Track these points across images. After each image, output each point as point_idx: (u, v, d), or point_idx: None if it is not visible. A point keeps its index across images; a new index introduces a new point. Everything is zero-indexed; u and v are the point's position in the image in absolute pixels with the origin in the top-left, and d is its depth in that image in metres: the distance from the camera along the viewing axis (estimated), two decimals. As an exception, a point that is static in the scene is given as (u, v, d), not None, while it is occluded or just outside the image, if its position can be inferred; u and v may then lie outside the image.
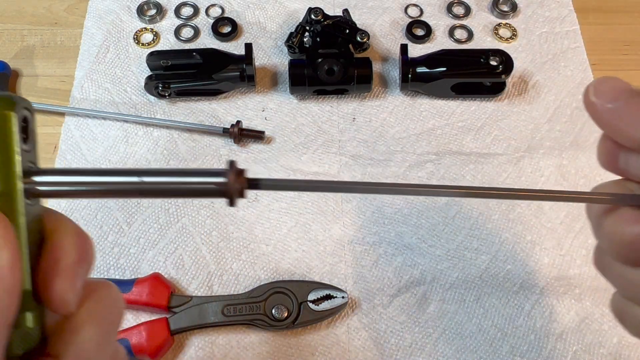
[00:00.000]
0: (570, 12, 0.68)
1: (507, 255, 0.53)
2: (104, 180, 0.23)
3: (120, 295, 0.25)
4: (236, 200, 0.24)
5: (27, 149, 0.22)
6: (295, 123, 0.60)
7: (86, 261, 0.23)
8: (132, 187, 0.23)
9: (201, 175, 0.24)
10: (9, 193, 0.21)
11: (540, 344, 0.49)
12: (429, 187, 0.27)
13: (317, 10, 0.59)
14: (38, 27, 0.66)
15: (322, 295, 0.48)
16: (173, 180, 0.23)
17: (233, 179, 0.24)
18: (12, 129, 0.21)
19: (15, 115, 0.21)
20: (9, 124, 0.21)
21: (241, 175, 0.24)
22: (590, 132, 0.60)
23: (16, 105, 0.21)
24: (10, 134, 0.21)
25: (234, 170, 0.24)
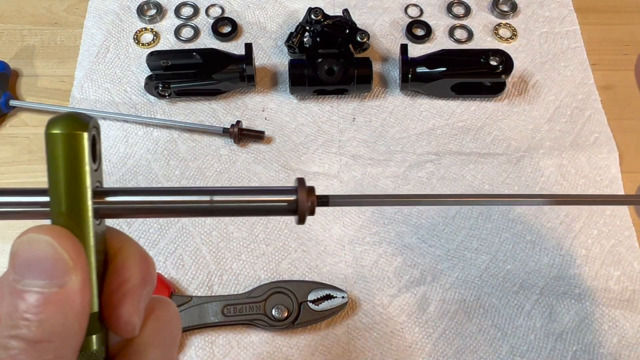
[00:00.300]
0: (570, 12, 0.68)
1: (507, 255, 0.53)
2: (173, 199, 0.23)
3: (177, 311, 0.25)
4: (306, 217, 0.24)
5: (95, 167, 0.22)
6: (295, 123, 0.60)
7: (149, 283, 0.23)
8: (202, 207, 0.23)
9: (271, 193, 0.24)
10: (79, 214, 0.21)
11: (540, 344, 0.49)
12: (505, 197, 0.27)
13: (317, 10, 0.59)
14: (38, 27, 0.66)
15: (322, 295, 0.48)
16: (243, 199, 0.23)
17: (304, 197, 0.23)
18: (84, 149, 0.21)
19: (87, 136, 0.21)
20: (82, 145, 0.20)
21: (311, 193, 0.24)
22: (590, 132, 0.60)
23: (88, 126, 0.21)
24: (82, 154, 0.21)
25: (304, 188, 0.24)
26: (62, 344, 0.19)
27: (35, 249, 0.20)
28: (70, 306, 0.19)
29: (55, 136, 0.20)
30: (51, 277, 0.19)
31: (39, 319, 0.19)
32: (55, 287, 0.19)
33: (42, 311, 0.19)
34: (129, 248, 0.23)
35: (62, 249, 0.20)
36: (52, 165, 0.21)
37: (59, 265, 0.19)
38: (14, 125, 0.59)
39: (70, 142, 0.20)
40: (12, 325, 0.19)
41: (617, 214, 0.55)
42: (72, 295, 0.19)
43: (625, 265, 0.52)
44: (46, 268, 0.19)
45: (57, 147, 0.21)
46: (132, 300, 0.22)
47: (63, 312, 0.19)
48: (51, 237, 0.20)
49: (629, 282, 0.52)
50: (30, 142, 0.58)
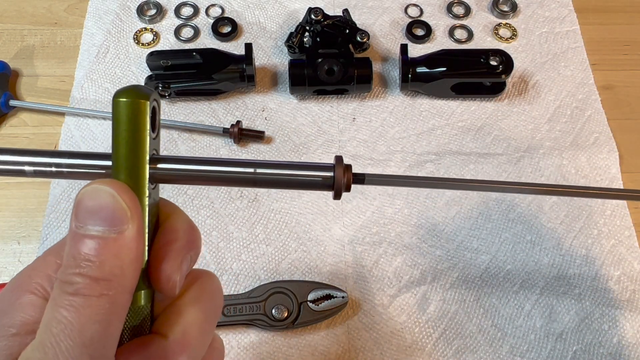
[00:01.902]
0: (570, 12, 0.68)
1: (507, 255, 0.53)
2: (220, 169, 0.25)
3: (220, 286, 0.27)
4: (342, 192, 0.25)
5: (153, 137, 0.24)
6: (295, 123, 0.60)
7: (194, 248, 0.25)
8: (247, 177, 0.25)
9: (311, 169, 0.25)
10: (137, 176, 0.23)
11: (540, 344, 0.49)
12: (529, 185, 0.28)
13: (317, 10, 0.59)
14: (38, 27, 0.66)
15: (322, 295, 0.48)
16: (284, 172, 0.25)
17: (341, 173, 0.25)
18: (145, 118, 0.23)
19: (148, 104, 0.23)
20: (143, 111, 0.23)
21: (348, 170, 0.25)
22: (590, 132, 0.60)
23: (150, 96, 0.23)
24: (144, 120, 0.23)
25: (342, 165, 0.25)
26: (119, 285, 0.21)
27: (98, 198, 0.22)
28: (126, 251, 0.22)
29: (121, 103, 0.23)
30: (111, 224, 0.21)
31: (100, 260, 0.21)
32: (114, 233, 0.21)
33: (102, 253, 0.21)
34: (179, 215, 0.25)
35: (122, 200, 0.22)
36: (116, 130, 0.23)
37: (118, 214, 0.22)
38: (14, 125, 0.59)
39: (133, 108, 0.23)
40: (75, 265, 0.21)
41: (617, 214, 0.55)
42: (128, 241, 0.22)
43: (625, 265, 0.52)
44: (106, 216, 0.21)
45: (122, 113, 0.23)
46: (176, 258, 0.24)
47: (120, 256, 0.21)
48: (113, 189, 0.22)
49: (629, 282, 0.52)
50: (30, 142, 0.58)
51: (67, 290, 0.21)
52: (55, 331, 0.21)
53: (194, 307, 0.24)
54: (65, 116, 0.59)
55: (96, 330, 0.21)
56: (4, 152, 0.25)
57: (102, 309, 0.21)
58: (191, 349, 0.24)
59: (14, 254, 0.52)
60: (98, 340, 0.21)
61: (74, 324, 0.20)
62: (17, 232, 0.53)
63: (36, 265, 0.25)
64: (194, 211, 0.54)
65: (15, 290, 0.24)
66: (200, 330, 0.24)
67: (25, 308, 0.23)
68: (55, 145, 0.58)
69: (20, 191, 0.55)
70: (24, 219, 0.54)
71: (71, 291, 0.21)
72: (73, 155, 0.25)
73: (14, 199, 0.55)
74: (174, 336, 0.24)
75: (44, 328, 0.21)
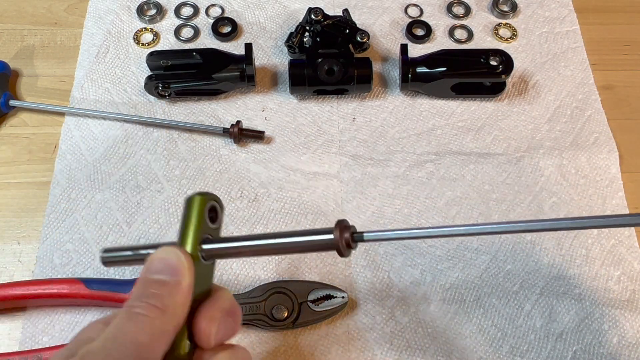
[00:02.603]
0: (570, 12, 0.68)
1: (507, 255, 0.53)
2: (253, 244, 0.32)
3: None
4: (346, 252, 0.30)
5: (212, 227, 0.32)
6: (295, 123, 0.60)
7: (233, 317, 0.31)
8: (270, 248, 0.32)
9: (316, 234, 0.31)
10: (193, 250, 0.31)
11: (540, 344, 0.49)
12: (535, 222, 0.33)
13: (317, 10, 0.59)
14: (38, 27, 0.66)
15: (322, 295, 0.48)
16: (296, 240, 0.31)
17: (338, 236, 0.30)
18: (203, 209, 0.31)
19: (204, 200, 0.32)
20: (201, 206, 0.31)
21: (345, 232, 0.30)
22: (590, 132, 0.60)
23: (206, 197, 0.32)
24: (202, 212, 0.31)
25: (339, 227, 0.30)
26: (170, 315, 0.28)
27: (164, 255, 0.30)
28: (179, 294, 0.29)
29: (189, 199, 0.32)
30: (172, 273, 0.29)
31: (160, 294, 0.28)
32: (173, 280, 0.29)
33: (162, 291, 0.28)
34: (226, 291, 0.32)
35: (183, 259, 0.29)
36: (183, 217, 0.32)
37: (178, 268, 0.29)
38: (14, 125, 0.59)
39: (193, 203, 0.32)
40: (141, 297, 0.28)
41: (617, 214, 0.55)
42: (182, 288, 0.29)
43: (625, 265, 0.52)
44: (170, 268, 0.29)
45: (188, 205, 0.32)
46: (214, 313, 0.30)
47: (174, 296, 0.28)
48: (179, 250, 0.30)
49: (629, 282, 0.52)
50: (30, 142, 0.58)
51: (131, 310, 0.28)
52: (115, 332, 0.27)
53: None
54: (65, 116, 0.59)
55: (146, 339, 0.27)
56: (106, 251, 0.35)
57: (154, 327, 0.27)
58: None
59: (14, 254, 0.52)
60: (146, 347, 0.26)
61: (131, 329, 0.27)
62: (17, 232, 0.53)
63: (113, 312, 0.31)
64: (194, 211, 0.54)
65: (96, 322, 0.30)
66: None
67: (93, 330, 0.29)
68: (56, 145, 0.58)
69: (20, 191, 0.55)
70: (24, 219, 0.54)
71: (134, 311, 0.27)
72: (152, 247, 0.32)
73: (14, 199, 0.55)
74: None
75: (107, 331, 0.27)
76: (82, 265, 0.51)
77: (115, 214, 0.53)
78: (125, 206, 0.54)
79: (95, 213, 0.53)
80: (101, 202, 0.54)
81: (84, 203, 0.54)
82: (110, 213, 0.54)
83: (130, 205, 0.54)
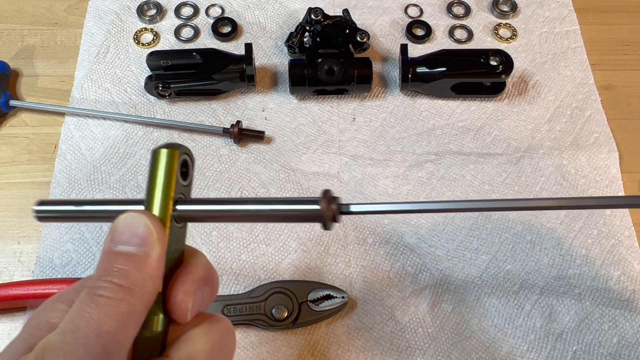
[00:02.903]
0: (570, 12, 0.68)
1: (507, 255, 0.53)
2: (231, 208, 0.29)
3: (233, 330, 0.29)
4: (330, 224, 0.28)
5: (184, 184, 0.29)
6: (295, 123, 0.60)
7: (209, 285, 0.28)
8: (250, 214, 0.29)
9: (301, 203, 0.29)
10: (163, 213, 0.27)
11: (540, 344, 0.49)
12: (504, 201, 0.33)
13: (317, 10, 0.59)
14: (38, 27, 0.66)
15: (322, 295, 0.48)
16: (280, 208, 0.29)
17: (325, 206, 0.28)
18: (174, 166, 0.28)
19: (178, 154, 0.28)
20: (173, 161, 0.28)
21: (332, 203, 0.28)
22: (590, 132, 0.60)
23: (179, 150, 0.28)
24: (172, 169, 0.28)
25: (326, 198, 0.28)
26: (139, 294, 0.25)
27: (132, 224, 0.26)
28: (149, 268, 0.25)
29: (157, 152, 0.28)
30: (139, 244, 0.25)
31: (126, 270, 0.25)
32: (141, 252, 0.25)
33: (128, 266, 0.25)
34: (201, 256, 0.29)
35: (152, 227, 0.26)
36: (152, 173, 0.28)
37: (147, 237, 0.25)
38: (14, 125, 0.59)
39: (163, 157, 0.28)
40: (105, 274, 0.25)
41: (617, 214, 0.55)
42: (152, 260, 0.25)
43: (625, 265, 0.52)
44: (137, 238, 0.25)
45: (156, 160, 0.28)
46: (190, 285, 0.27)
47: (143, 271, 0.25)
48: (145, 216, 0.26)
49: (629, 282, 0.52)
50: (30, 142, 0.58)
51: (93, 292, 0.24)
52: (76, 321, 0.23)
53: (202, 337, 0.27)
54: (65, 116, 0.59)
55: (112, 327, 0.23)
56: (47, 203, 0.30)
57: (121, 311, 0.24)
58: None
59: (14, 254, 0.52)
60: (113, 336, 0.23)
61: (94, 317, 0.23)
62: (17, 232, 0.53)
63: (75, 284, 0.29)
64: (194, 211, 0.54)
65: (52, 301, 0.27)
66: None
67: (54, 312, 0.26)
68: (56, 145, 0.58)
69: (20, 191, 0.55)
70: (24, 219, 0.54)
71: (97, 293, 0.24)
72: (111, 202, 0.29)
73: (14, 199, 0.55)
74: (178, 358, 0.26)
75: (67, 319, 0.24)
76: (82, 265, 0.51)
77: (115, 214, 0.53)
78: (125, 206, 0.54)
79: (95, 213, 0.53)
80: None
81: (84, 203, 0.54)
82: (110, 213, 0.53)
83: (130, 205, 0.54)
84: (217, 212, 0.29)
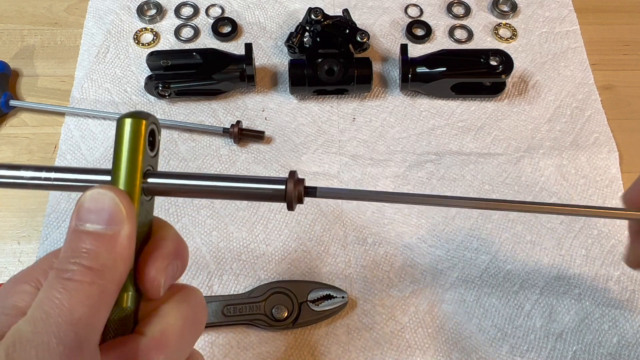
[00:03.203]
0: (570, 12, 0.68)
1: (507, 255, 0.53)
2: (200, 184, 0.28)
3: (203, 301, 0.28)
4: (294, 204, 0.28)
5: (152, 155, 0.27)
6: (295, 123, 0.60)
7: (180, 258, 0.27)
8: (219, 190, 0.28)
9: (268, 182, 0.28)
10: (132, 185, 0.26)
11: (540, 344, 0.49)
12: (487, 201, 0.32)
13: (317, 10, 0.59)
14: (38, 27, 0.66)
15: (322, 295, 0.48)
16: (246, 185, 0.28)
17: (291, 186, 0.28)
18: (142, 135, 0.26)
19: (146, 123, 0.26)
20: (142, 131, 0.26)
21: (299, 184, 0.28)
22: (590, 132, 0.60)
23: (147, 119, 0.26)
24: (141, 138, 0.26)
25: (293, 179, 0.28)
26: (110, 276, 0.24)
27: (99, 200, 0.24)
28: (119, 248, 0.24)
29: (123, 122, 0.26)
30: (108, 223, 0.24)
31: (95, 252, 0.23)
32: (110, 231, 0.24)
33: (98, 247, 0.24)
34: (169, 228, 0.28)
35: (120, 203, 0.24)
36: (117, 145, 0.26)
37: (116, 215, 0.24)
38: (14, 125, 0.59)
39: (132, 126, 0.26)
40: (73, 256, 0.23)
41: (617, 214, 0.55)
42: (122, 240, 0.24)
43: (625, 266, 0.52)
44: (105, 216, 0.24)
45: (123, 130, 0.26)
46: (162, 261, 0.26)
47: (113, 251, 0.24)
48: (113, 193, 0.24)
49: (629, 282, 0.52)
50: (30, 142, 0.58)
51: (62, 275, 0.23)
52: (46, 308, 0.22)
53: (174, 311, 0.26)
54: (65, 116, 0.59)
55: (84, 313, 0.22)
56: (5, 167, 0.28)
57: (92, 295, 0.23)
58: (168, 350, 0.25)
59: (14, 254, 0.52)
60: (85, 322, 0.22)
61: (64, 304, 0.22)
62: (17, 232, 0.53)
63: (37, 262, 0.27)
64: (194, 211, 0.54)
65: (15, 281, 0.26)
66: (179, 335, 0.26)
67: (19, 294, 0.25)
68: (56, 145, 0.58)
69: (20, 191, 0.55)
70: (24, 219, 0.54)
71: (66, 277, 0.23)
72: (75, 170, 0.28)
73: (14, 199, 0.55)
74: (152, 334, 0.25)
75: (36, 305, 0.23)
76: (82, 265, 0.51)
77: (115, 214, 0.53)
78: (125, 206, 0.54)
79: (95, 213, 0.53)
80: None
81: (84, 203, 0.54)
82: (110, 213, 0.53)
83: (130, 205, 0.54)
84: (186, 187, 0.28)
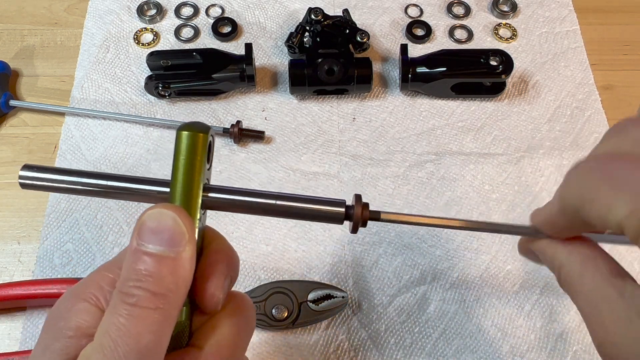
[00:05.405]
0: (570, 12, 0.68)
1: (507, 255, 0.53)
2: (252, 200, 0.28)
3: (252, 305, 0.29)
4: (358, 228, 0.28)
5: (207, 167, 0.26)
6: (295, 123, 0.60)
7: (233, 270, 0.28)
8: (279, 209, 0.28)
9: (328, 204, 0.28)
10: (192, 202, 0.25)
11: (540, 344, 0.49)
12: None
13: (317, 10, 0.59)
14: (38, 27, 0.66)
15: (322, 295, 0.48)
16: (308, 206, 0.28)
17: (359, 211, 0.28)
18: (203, 149, 0.25)
19: (207, 137, 0.25)
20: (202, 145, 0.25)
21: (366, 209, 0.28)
22: (590, 132, 0.60)
23: (209, 131, 0.26)
24: (202, 153, 0.25)
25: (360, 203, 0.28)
26: (173, 300, 0.23)
27: (160, 221, 0.24)
28: (181, 271, 0.24)
29: (183, 135, 0.25)
30: (170, 244, 0.24)
31: (159, 276, 0.23)
32: (172, 253, 0.24)
33: (161, 270, 0.23)
34: (222, 240, 0.28)
35: (182, 224, 0.24)
36: (176, 159, 0.25)
37: (178, 236, 0.24)
38: (14, 125, 0.59)
39: (193, 140, 0.25)
40: (136, 279, 0.23)
41: (617, 214, 0.55)
42: (183, 262, 0.24)
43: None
44: (167, 237, 0.24)
45: (183, 144, 0.25)
46: (220, 277, 0.26)
47: (176, 274, 0.23)
48: (175, 213, 0.24)
49: (629, 282, 0.52)
50: (30, 142, 0.58)
51: (126, 300, 0.23)
52: (113, 336, 0.22)
53: (228, 322, 0.26)
54: (65, 116, 0.59)
55: (150, 340, 0.23)
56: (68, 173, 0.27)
57: (156, 321, 0.23)
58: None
59: (14, 254, 0.52)
60: (152, 349, 0.23)
61: (131, 331, 0.22)
62: (17, 232, 0.53)
63: (91, 277, 0.27)
64: (194, 211, 0.54)
65: (72, 298, 0.26)
66: (233, 344, 0.26)
67: (80, 314, 0.25)
68: (56, 146, 0.58)
69: (20, 191, 0.55)
70: (24, 219, 0.54)
71: (131, 302, 0.23)
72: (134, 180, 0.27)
73: (14, 199, 0.55)
74: (209, 348, 0.25)
75: (103, 332, 0.23)
76: (82, 265, 0.51)
77: (115, 214, 0.53)
78: (125, 206, 0.54)
79: (95, 213, 0.53)
80: (101, 202, 0.54)
81: (84, 203, 0.54)
82: (110, 213, 0.53)
83: (130, 205, 0.54)
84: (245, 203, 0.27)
